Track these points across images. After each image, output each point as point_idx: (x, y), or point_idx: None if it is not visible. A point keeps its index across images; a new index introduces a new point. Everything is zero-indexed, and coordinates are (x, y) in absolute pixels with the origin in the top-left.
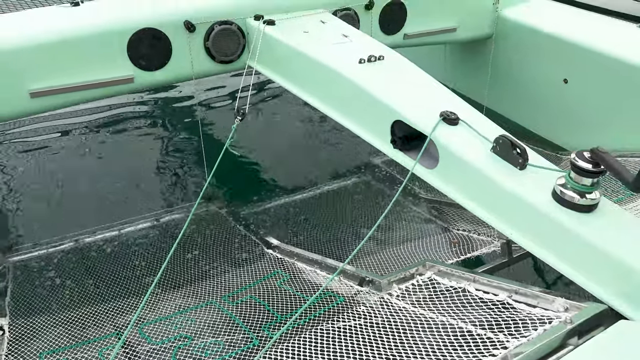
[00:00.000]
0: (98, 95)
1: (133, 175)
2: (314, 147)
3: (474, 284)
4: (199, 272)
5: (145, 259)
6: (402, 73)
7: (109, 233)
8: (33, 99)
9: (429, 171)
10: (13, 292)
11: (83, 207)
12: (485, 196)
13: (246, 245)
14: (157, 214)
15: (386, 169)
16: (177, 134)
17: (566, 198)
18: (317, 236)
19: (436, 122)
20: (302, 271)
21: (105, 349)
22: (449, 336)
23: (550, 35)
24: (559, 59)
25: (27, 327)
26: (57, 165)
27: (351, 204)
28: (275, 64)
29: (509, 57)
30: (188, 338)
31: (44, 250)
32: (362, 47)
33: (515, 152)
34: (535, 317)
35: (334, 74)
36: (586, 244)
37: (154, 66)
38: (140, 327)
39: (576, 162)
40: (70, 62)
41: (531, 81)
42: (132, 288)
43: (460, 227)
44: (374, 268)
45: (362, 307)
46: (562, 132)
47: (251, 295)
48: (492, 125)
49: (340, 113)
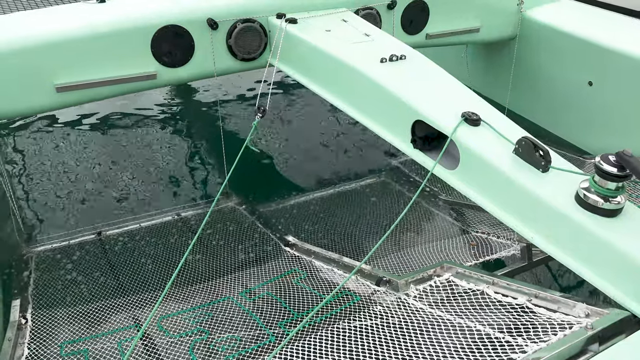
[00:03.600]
0: (122, 91)
1: (154, 170)
2: (333, 145)
3: (493, 286)
4: (216, 267)
5: (164, 253)
6: (423, 73)
7: (129, 226)
8: (59, 93)
9: (449, 172)
10: (36, 282)
11: (105, 200)
12: (506, 198)
13: (264, 242)
14: (178, 209)
15: (406, 169)
16: (198, 130)
17: (590, 202)
18: (334, 235)
19: (457, 122)
20: (319, 269)
21: (124, 341)
22: (466, 339)
23: (575, 37)
24: (584, 61)
25: (48, 317)
26: (79, 158)
27: (370, 204)
28: (296, 62)
29: (532, 59)
30: (205, 332)
31: (66, 241)
32: (383, 47)
33: (537, 154)
34: (555, 321)
35: (355, 72)
36: (609, 249)
37: (177, 63)
38: (159, 321)
39: (601, 165)
40: (96, 58)
41: (555, 83)
42: (152, 281)
43: (480, 229)
44: (391, 268)
45: (379, 307)
46: (586, 135)
47: (268, 292)
48: (514, 127)
49: (361, 112)
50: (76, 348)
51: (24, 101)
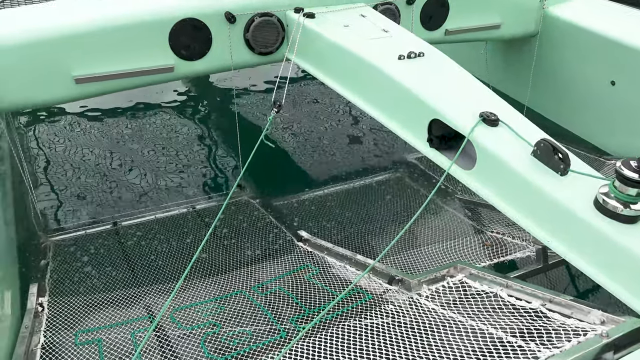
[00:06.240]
0: (139, 83)
1: (170, 162)
2: (349, 141)
3: (507, 289)
4: (230, 261)
5: (179, 245)
6: (442, 70)
7: (145, 218)
8: (78, 84)
9: (465, 172)
10: (53, 271)
11: (121, 191)
12: (523, 201)
13: (277, 236)
14: (192, 201)
15: (421, 166)
16: (214, 124)
17: (609, 208)
18: (348, 231)
19: (475, 122)
20: (332, 266)
21: (137, 332)
22: (478, 342)
23: (598, 35)
24: (607, 60)
25: (64, 305)
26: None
27: (384, 200)
28: (313, 57)
29: (553, 56)
30: (217, 325)
31: (83, 231)
32: (402, 43)
33: (557, 157)
34: (569, 328)
35: (373, 69)
36: (628, 256)
37: (194, 56)
38: (172, 313)
39: (622, 170)
40: (114, 50)
41: (576, 82)
42: (165, 273)
43: (495, 230)
44: (403, 266)
45: (390, 306)
46: (607, 136)
47: (280, 287)
48: (533, 128)
49: (377, 108)
50: (90, 337)
51: (43, 92)
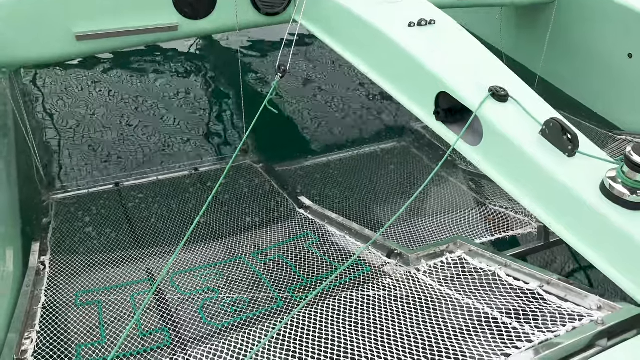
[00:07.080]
0: (142, 42)
1: (173, 124)
2: (355, 107)
3: (505, 268)
4: (230, 225)
5: (180, 207)
6: (453, 40)
7: (147, 179)
8: (79, 41)
9: (470, 147)
10: (55, 229)
11: (124, 152)
12: (527, 181)
13: (278, 202)
14: (195, 164)
15: (427, 135)
16: (218, 87)
17: (615, 193)
18: (349, 200)
19: (484, 97)
20: (332, 234)
21: (137, 294)
22: (472, 320)
23: (618, 4)
24: (626, 32)
25: (65, 264)
26: (100, 108)
27: (387, 169)
28: (320, 20)
29: (570, 26)
30: (215, 291)
31: (85, 190)
32: (413, 9)
33: (565, 137)
34: (565, 312)
35: (381, 36)
36: (631, 243)
37: (199, 15)
38: (172, 276)
39: (631, 156)
40: (116, 7)
41: (591, 53)
42: (166, 236)
43: (497, 203)
44: (403, 238)
45: (388, 280)
46: (619, 110)
47: (279, 254)
48: (543, 106)
49: (384, 77)
50: (90, 298)
51: (44, 49)
